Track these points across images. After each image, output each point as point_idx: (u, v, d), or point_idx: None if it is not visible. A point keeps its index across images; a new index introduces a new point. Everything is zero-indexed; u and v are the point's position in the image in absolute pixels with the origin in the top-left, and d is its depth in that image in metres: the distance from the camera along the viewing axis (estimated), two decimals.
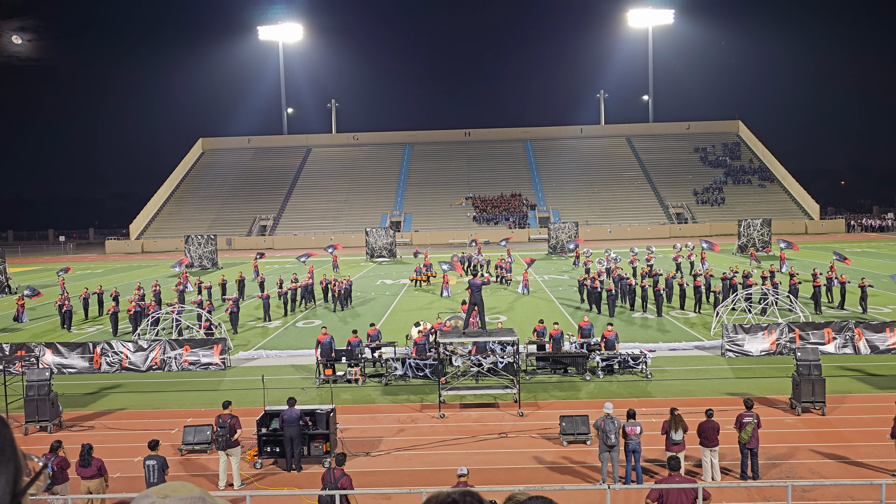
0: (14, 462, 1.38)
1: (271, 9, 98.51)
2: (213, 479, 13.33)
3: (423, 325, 21.81)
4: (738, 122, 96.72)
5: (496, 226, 77.70)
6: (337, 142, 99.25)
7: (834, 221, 79.93)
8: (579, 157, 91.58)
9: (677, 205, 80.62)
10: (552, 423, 15.36)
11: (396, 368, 19.55)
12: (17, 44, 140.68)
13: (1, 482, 1.35)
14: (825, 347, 20.65)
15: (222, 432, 12.98)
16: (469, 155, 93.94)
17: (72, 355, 21.58)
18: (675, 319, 27.24)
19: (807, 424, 15.31)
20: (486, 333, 18.19)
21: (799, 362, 16.08)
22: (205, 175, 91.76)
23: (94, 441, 13.24)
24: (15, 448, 1.40)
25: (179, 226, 79.64)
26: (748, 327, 21.46)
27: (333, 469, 10.86)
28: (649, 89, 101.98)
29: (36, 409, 16.18)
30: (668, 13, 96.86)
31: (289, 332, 26.92)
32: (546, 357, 19.93)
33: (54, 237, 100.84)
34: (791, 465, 13.18)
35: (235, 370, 21.49)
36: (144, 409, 17.97)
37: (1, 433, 1.40)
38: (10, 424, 1.49)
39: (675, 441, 12.30)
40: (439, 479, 12.98)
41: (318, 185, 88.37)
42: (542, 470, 13.33)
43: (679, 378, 19.27)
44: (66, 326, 28.95)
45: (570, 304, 31.48)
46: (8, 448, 1.38)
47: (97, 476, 11.60)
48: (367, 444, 14.81)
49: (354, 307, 32.29)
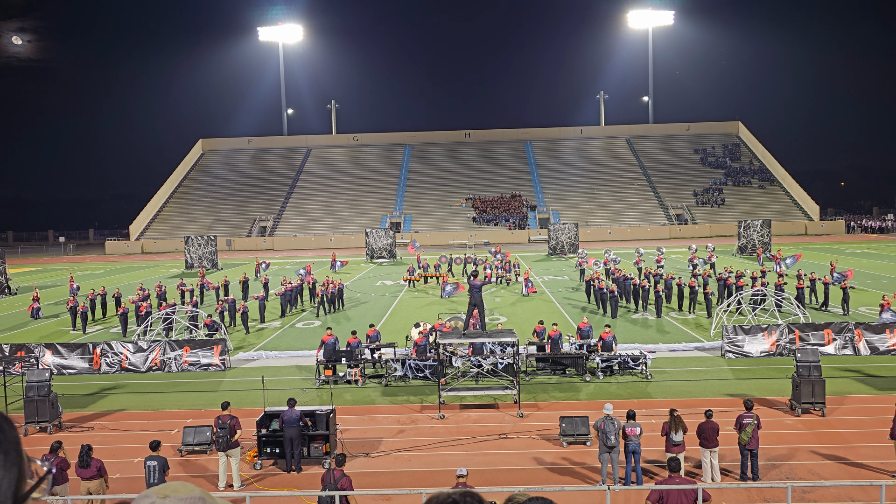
0: (18, 466, 1.37)
1: (271, 10, 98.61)
2: (212, 480, 13.33)
3: (422, 325, 21.81)
4: (737, 123, 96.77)
5: (496, 227, 77.72)
6: (337, 143, 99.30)
7: (834, 222, 79.92)
8: (579, 158, 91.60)
9: (677, 206, 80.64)
10: (552, 423, 15.36)
11: (396, 369, 19.55)
12: (18, 44, 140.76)
13: (3, 485, 1.34)
14: (825, 348, 20.65)
15: (222, 433, 12.98)
16: (469, 156, 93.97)
17: (71, 356, 21.58)
18: (674, 320, 27.24)
19: (807, 425, 15.31)
20: (486, 334, 18.20)
21: (799, 363, 16.08)
22: (205, 176, 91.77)
23: (93, 442, 13.25)
24: (20, 451, 1.39)
25: (179, 227, 79.64)
26: (748, 328, 21.46)
27: (333, 470, 10.86)
28: (649, 90, 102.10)
29: (36, 409, 16.17)
30: (668, 14, 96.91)
31: (289, 333, 26.92)
32: (546, 358, 19.93)
33: (54, 238, 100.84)
34: (791, 467, 13.18)
35: (235, 371, 21.49)
36: (144, 409, 17.96)
37: (6, 435, 1.38)
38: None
39: (675, 442, 12.30)
40: (439, 479, 12.98)
41: (318, 185, 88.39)
42: (541, 471, 13.33)
43: (679, 379, 19.27)
44: (81, 328, 28.49)
45: (571, 304, 31.49)
46: (13, 451, 1.37)
47: (97, 477, 11.60)
48: (366, 445, 14.81)
49: (346, 310, 31.76)
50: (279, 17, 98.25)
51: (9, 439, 1.38)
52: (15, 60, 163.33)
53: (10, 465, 1.36)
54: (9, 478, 1.35)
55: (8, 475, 1.35)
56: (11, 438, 1.39)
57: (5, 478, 1.34)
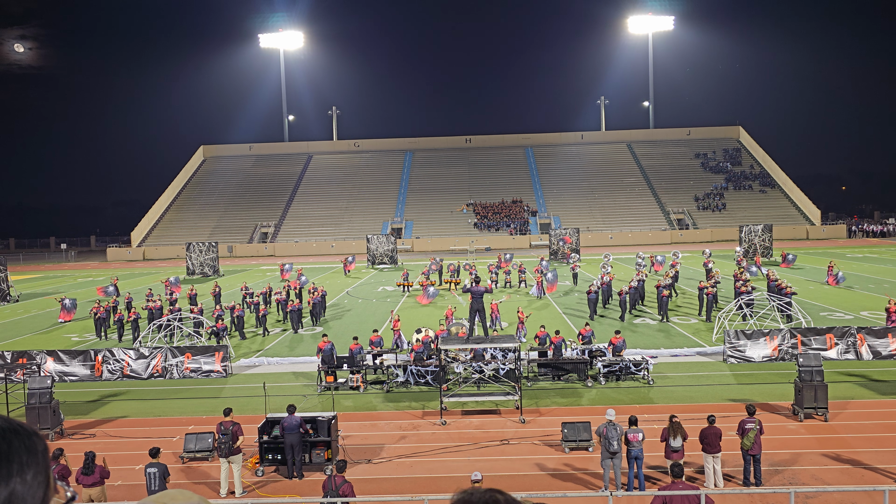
0: (44, 487, 1.36)
1: (272, 17, 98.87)
2: (213, 487, 13.31)
3: (424, 331, 21.80)
4: (738, 128, 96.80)
5: (497, 232, 77.72)
6: (338, 149, 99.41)
7: (835, 227, 79.85)
8: (580, 163, 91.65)
9: (678, 211, 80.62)
10: (554, 429, 15.32)
11: (398, 375, 19.53)
12: (19, 52, 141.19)
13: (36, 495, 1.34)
14: (827, 353, 20.62)
15: (225, 439, 12.96)
16: (470, 161, 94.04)
17: (73, 363, 21.57)
18: (676, 325, 27.20)
19: (809, 430, 15.27)
20: (488, 340, 18.18)
21: (801, 368, 16.04)
22: (206, 182, 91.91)
23: (95, 449, 13.22)
24: (48, 472, 1.38)
25: (181, 233, 79.71)
26: (750, 333, 21.42)
27: (335, 476, 10.84)
28: (650, 95, 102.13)
29: (37, 417, 16.16)
30: (668, 20, 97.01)
31: (290, 340, 26.91)
32: (548, 364, 19.90)
33: (56, 245, 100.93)
34: (794, 472, 13.14)
35: (237, 377, 21.47)
36: (146, 416, 17.94)
37: (38, 455, 1.37)
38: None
39: (674, 448, 12.27)
40: (441, 486, 12.94)
41: (320, 191, 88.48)
42: (544, 477, 13.29)
43: (681, 384, 19.23)
44: (103, 335, 28.32)
45: (573, 311, 31.45)
46: (42, 472, 1.36)
47: (99, 484, 11.59)
48: (368, 452, 14.78)
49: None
50: (280, 24, 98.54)
51: (39, 460, 1.37)
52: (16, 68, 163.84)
53: (37, 485, 1.35)
54: (35, 498, 1.34)
55: (34, 495, 1.34)
56: (42, 459, 1.37)
57: (32, 497, 1.33)
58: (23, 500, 1.31)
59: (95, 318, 28.53)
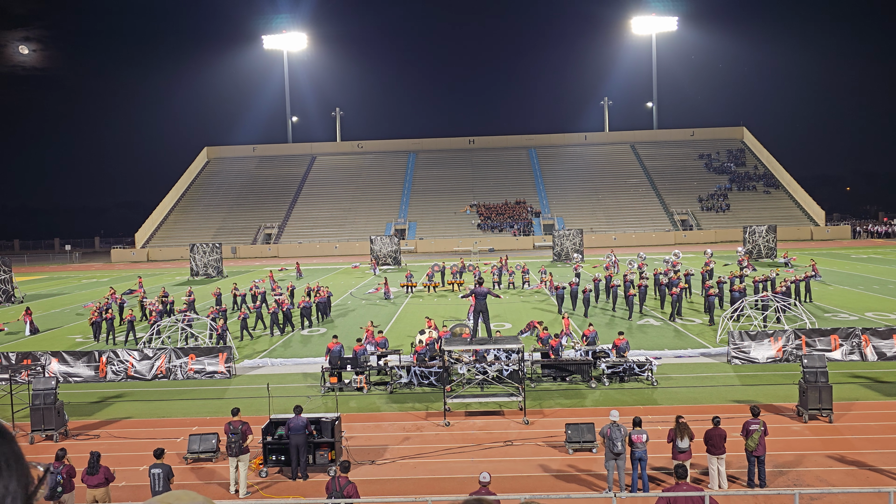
0: (21, 471, 1.42)
1: (276, 18, 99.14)
2: (218, 488, 13.32)
3: (428, 332, 21.79)
4: (742, 129, 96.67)
5: (500, 233, 77.71)
6: (341, 150, 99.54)
7: (839, 227, 79.64)
8: (583, 164, 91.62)
9: (682, 211, 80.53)
10: (558, 430, 15.31)
11: (402, 376, 19.54)
12: (24, 54, 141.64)
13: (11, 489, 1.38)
14: (832, 354, 20.56)
15: (234, 439, 12.99)
16: (473, 162, 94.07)
17: (77, 364, 21.62)
18: (680, 326, 27.16)
19: (814, 432, 15.23)
20: (492, 341, 18.17)
21: (805, 369, 16.00)
22: (210, 184, 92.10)
23: (99, 449, 13.25)
24: (20, 458, 1.44)
25: (185, 234, 79.88)
26: (754, 334, 21.37)
27: (338, 477, 10.84)
28: (653, 96, 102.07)
29: (42, 417, 16.21)
30: (672, 20, 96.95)
31: (294, 341, 26.93)
32: (551, 365, 19.89)
33: (60, 246, 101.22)
34: (798, 473, 13.10)
35: (241, 378, 21.50)
36: (150, 417, 17.97)
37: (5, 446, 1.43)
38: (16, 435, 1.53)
39: (681, 449, 12.25)
40: (445, 487, 12.94)
41: (323, 193, 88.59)
42: (547, 478, 13.28)
43: (685, 385, 19.19)
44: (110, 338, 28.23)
45: (573, 311, 31.41)
46: (12, 459, 1.42)
47: (104, 484, 11.62)
48: (372, 453, 14.79)
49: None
50: (283, 25, 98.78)
51: (6, 448, 1.42)
52: (20, 69, 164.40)
53: (10, 471, 1.40)
54: (14, 483, 1.39)
55: (10, 482, 1.39)
56: (9, 447, 1.43)
57: (11, 482, 1.39)
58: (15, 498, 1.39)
59: (91, 323, 28.75)
